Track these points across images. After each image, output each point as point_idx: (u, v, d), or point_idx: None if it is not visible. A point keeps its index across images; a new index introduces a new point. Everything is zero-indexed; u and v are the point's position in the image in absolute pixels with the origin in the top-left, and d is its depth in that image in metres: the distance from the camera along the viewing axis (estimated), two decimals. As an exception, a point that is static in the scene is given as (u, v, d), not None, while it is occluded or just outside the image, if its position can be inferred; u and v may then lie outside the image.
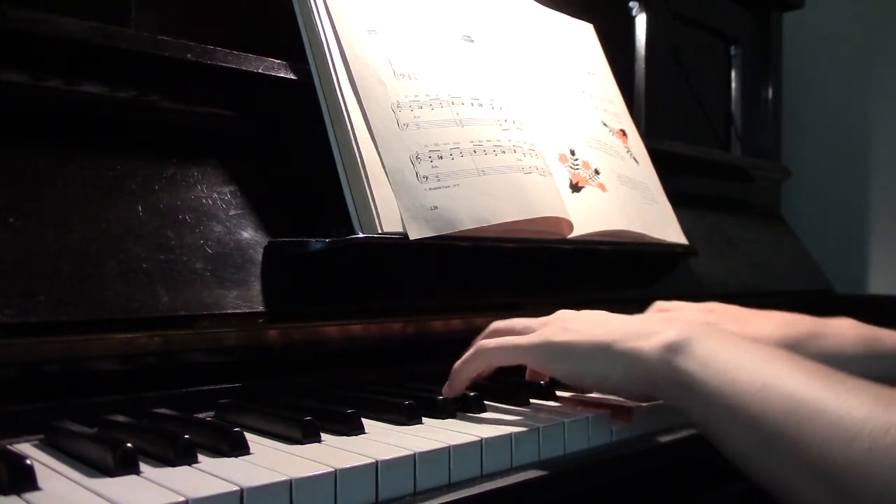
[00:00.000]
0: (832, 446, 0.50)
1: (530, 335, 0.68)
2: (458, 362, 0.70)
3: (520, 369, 0.77)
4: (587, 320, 0.68)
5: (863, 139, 1.88)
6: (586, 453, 0.64)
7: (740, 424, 0.55)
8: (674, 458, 0.70)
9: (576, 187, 0.97)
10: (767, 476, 0.54)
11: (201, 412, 0.67)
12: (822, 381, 0.54)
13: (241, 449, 0.53)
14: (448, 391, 0.69)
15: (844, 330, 0.85)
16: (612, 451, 0.65)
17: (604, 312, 0.70)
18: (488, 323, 0.76)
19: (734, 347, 0.59)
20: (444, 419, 0.64)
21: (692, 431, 0.71)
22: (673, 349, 0.60)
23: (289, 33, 0.81)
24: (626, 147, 1.11)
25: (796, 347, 0.79)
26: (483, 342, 0.70)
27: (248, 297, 0.71)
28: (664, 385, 0.61)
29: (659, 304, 0.91)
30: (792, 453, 0.52)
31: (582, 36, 1.16)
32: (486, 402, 0.69)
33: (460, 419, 0.65)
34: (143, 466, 0.49)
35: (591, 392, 0.74)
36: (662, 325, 0.63)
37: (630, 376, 0.62)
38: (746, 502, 0.76)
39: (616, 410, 0.68)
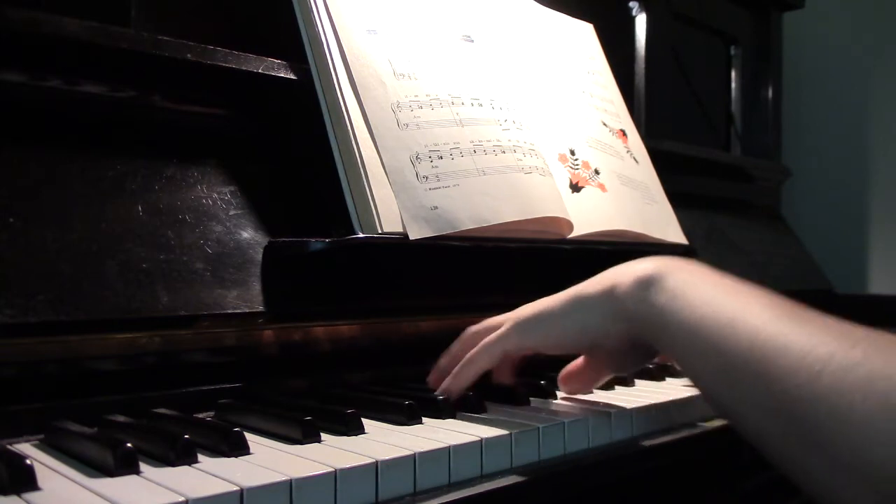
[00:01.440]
0: (796, 381, 0.49)
1: (503, 325, 0.69)
2: (450, 377, 0.69)
3: (522, 371, 0.77)
4: (556, 294, 0.68)
5: (863, 139, 1.88)
6: (586, 453, 0.64)
7: (709, 359, 0.55)
8: (674, 457, 0.70)
9: (576, 187, 0.97)
10: (734, 411, 0.54)
11: (201, 412, 0.67)
12: (788, 317, 0.53)
13: (241, 449, 0.53)
14: (447, 392, 0.69)
15: None
16: (613, 452, 0.65)
17: None
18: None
19: (706, 281, 0.59)
20: (444, 419, 0.64)
21: (693, 431, 0.71)
22: (646, 283, 0.59)
23: (289, 33, 0.81)
24: (626, 147, 1.11)
25: None
26: (468, 354, 0.69)
27: (248, 297, 0.71)
28: (638, 321, 0.60)
29: None
30: (756, 388, 0.51)
31: (582, 36, 1.16)
32: (486, 402, 0.69)
33: (460, 419, 0.65)
34: (143, 466, 0.49)
35: (577, 353, 0.72)
36: (636, 263, 0.62)
37: (607, 318, 0.62)
38: (749, 502, 0.76)
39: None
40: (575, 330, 0.64)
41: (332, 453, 0.53)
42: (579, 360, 0.72)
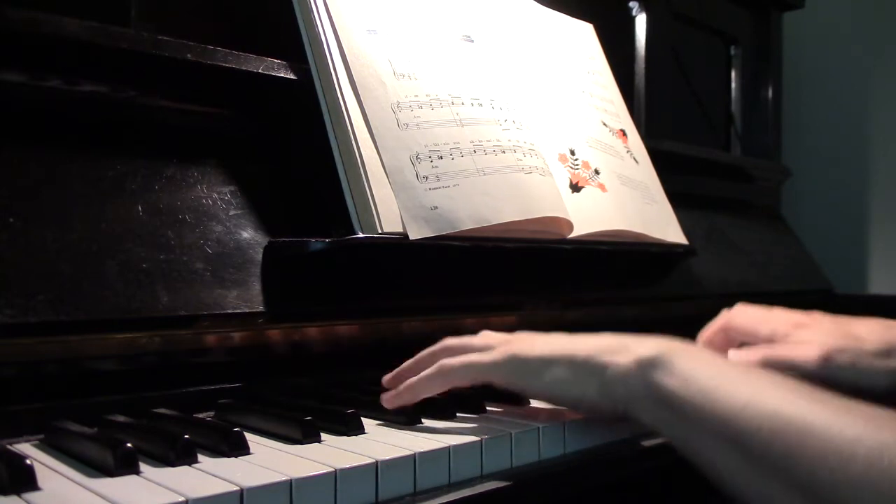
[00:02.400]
0: (825, 466, 0.48)
1: (496, 351, 0.64)
2: (417, 378, 0.65)
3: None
4: (553, 339, 0.65)
5: (863, 139, 1.88)
6: (586, 453, 0.64)
7: (725, 443, 0.53)
8: (674, 457, 0.70)
9: (576, 187, 0.97)
10: (754, 496, 0.52)
11: (201, 412, 0.67)
12: (807, 398, 0.52)
13: (241, 449, 0.53)
14: (390, 401, 0.64)
15: None
16: (613, 451, 0.65)
17: (567, 334, 0.66)
18: (488, 323, 0.76)
19: (713, 365, 0.57)
20: (444, 419, 0.64)
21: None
22: (651, 365, 0.57)
23: (289, 33, 0.81)
24: (626, 147, 1.11)
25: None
26: (446, 361, 0.64)
27: (248, 297, 0.71)
28: (642, 402, 0.58)
29: (741, 307, 0.86)
30: (781, 472, 0.50)
31: (582, 36, 1.16)
32: (485, 402, 0.69)
33: (460, 419, 0.65)
34: (143, 466, 0.49)
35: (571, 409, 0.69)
36: (635, 341, 0.60)
37: (606, 392, 0.59)
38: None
39: None
40: (572, 395, 0.61)
41: (332, 453, 0.53)
42: None
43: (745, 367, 0.58)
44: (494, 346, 0.65)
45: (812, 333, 0.81)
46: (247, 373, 0.72)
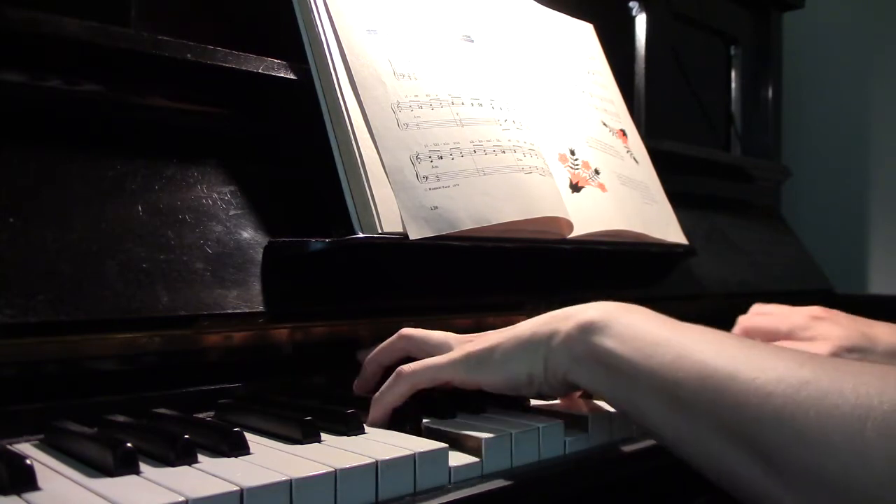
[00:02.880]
0: (746, 406, 0.50)
1: (451, 352, 0.66)
2: (380, 392, 0.65)
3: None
4: (507, 328, 0.66)
5: (863, 139, 1.88)
6: (586, 453, 0.64)
7: (659, 397, 0.55)
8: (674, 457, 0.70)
9: (576, 187, 0.97)
10: (690, 447, 0.54)
11: (201, 412, 0.67)
12: (735, 347, 0.54)
13: (241, 449, 0.53)
14: (368, 421, 0.64)
15: None
16: (612, 451, 0.65)
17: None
18: (488, 323, 0.76)
19: (651, 322, 0.59)
20: (444, 419, 0.64)
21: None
22: (591, 328, 0.59)
23: (289, 33, 0.81)
24: (626, 147, 1.11)
25: None
26: (403, 368, 0.65)
27: (248, 297, 0.71)
28: (584, 366, 0.59)
29: (758, 307, 0.88)
30: (710, 419, 0.52)
31: (582, 36, 1.16)
32: (485, 403, 0.69)
33: (460, 420, 0.65)
34: (143, 466, 0.49)
35: (527, 394, 0.69)
36: (580, 308, 0.62)
37: (552, 363, 0.61)
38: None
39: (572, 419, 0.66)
40: (520, 376, 0.63)
41: (332, 453, 0.53)
42: None
43: (683, 323, 0.59)
44: (453, 344, 0.67)
45: (829, 327, 0.82)
46: (247, 373, 0.72)
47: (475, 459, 0.56)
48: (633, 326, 0.58)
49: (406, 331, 0.71)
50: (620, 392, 0.58)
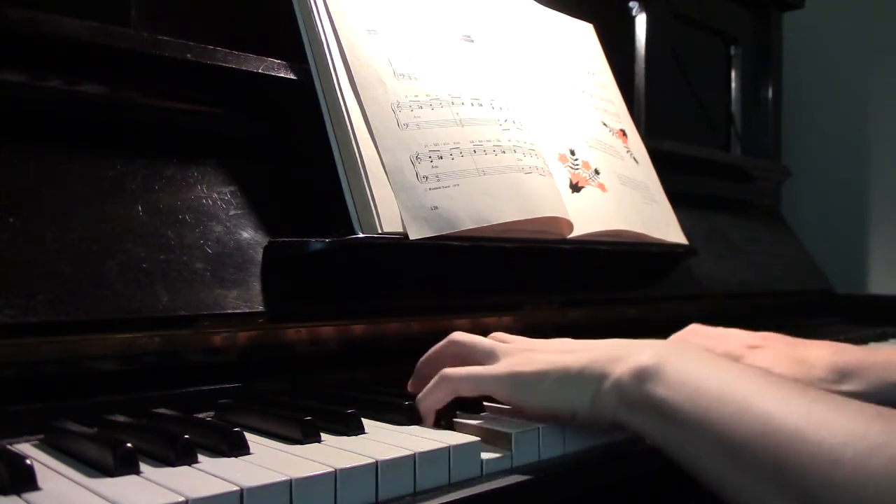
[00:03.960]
0: (814, 471, 0.48)
1: (496, 366, 0.64)
2: (422, 392, 0.65)
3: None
4: (553, 349, 0.65)
5: (862, 139, 1.88)
6: (586, 453, 0.64)
7: (717, 451, 0.53)
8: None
9: (576, 187, 0.97)
10: (745, 499, 0.52)
11: (201, 412, 0.67)
12: (798, 400, 0.52)
13: (241, 449, 0.53)
14: (422, 419, 0.64)
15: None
16: (613, 451, 0.65)
17: (569, 340, 0.67)
18: (488, 323, 0.76)
19: (708, 368, 0.57)
20: (444, 419, 0.64)
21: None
22: (644, 374, 0.57)
23: (289, 33, 0.81)
24: (626, 147, 1.11)
25: (845, 377, 0.78)
26: (447, 371, 0.65)
27: (248, 297, 0.71)
28: (636, 413, 0.58)
29: (695, 328, 0.86)
30: (772, 480, 0.50)
31: (582, 36, 1.16)
32: (485, 402, 0.69)
33: (461, 419, 0.65)
34: (143, 466, 0.49)
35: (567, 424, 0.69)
36: (632, 349, 0.60)
37: (600, 404, 0.59)
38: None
39: None
40: (567, 409, 0.62)
41: (332, 453, 0.53)
42: None
43: (742, 367, 0.58)
44: (499, 355, 0.65)
45: (764, 356, 0.81)
46: (247, 373, 0.72)
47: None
48: (688, 374, 0.56)
49: (456, 336, 0.70)
50: (674, 442, 0.56)
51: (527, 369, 0.63)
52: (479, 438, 0.57)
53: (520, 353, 0.65)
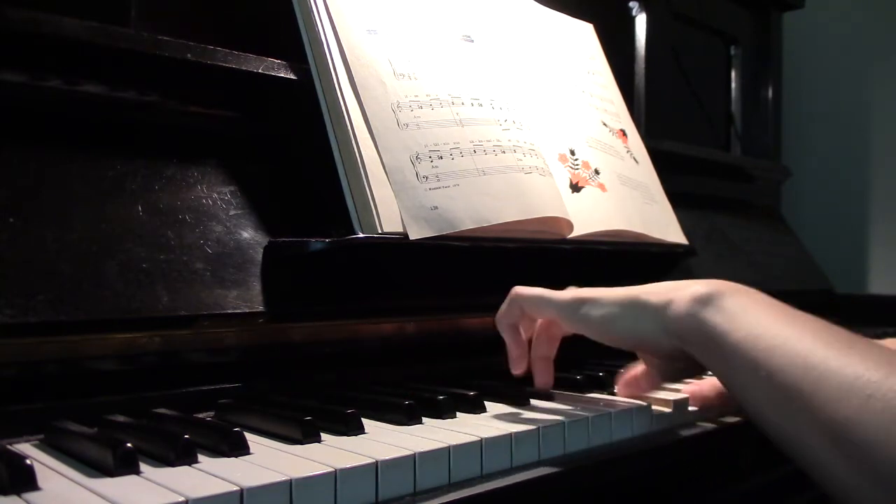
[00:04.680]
0: (847, 404, 0.51)
1: (563, 291, 0.70)
2: (498, 313, 0.72)
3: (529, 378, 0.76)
4: (615, 288, 0.69)
5: (863, 139, 1.88)
6: (586, 453, 0.64)
7: (760, 380, 0.56)
8: (674, 457, 0.70)
9: (576, 187, 0.97)
10: (783, 432, 0.56)
11: (201, 412, 0.67)
12: (839, 342, 0.55)
13: (241, 449, 0.53)
14: (507, 341, 0.72)
15: None
16: (613, 451, 0.65)
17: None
18: (489, 322, 0.76)
19: (760, 304, 0.61)
20: (444, 419, 0.64)
21: (693, 431, 0.71)
22: (702, 301, 0.61)
23: (289, 33, 0.81)
24: (626, 147, 1.11)
25: None
26: (518, 288, 0.71)
27: (248, 297, 0.71)
28: (691, 337, 0.62)
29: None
30: (807, 411, 0.53)
31: (582, 36, 1.16)
32: (486, 402, 0.69)
33: (460, 419, 0.65)
34: (143, 466, 0.49)
35: (622, 346, 0.73)
36: (692, 282, 0.64)
37: (658, 327, 0.64)
38: (763, 497, 0.76)
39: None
40: (628, 333, 0.66)
41: (332, 453, 0.53)
42: (637, 369, 0.74)
43: (790, 309, 0.61)
44: (566, 292, 0.71)
45: None
46: (247, 373, 0.72)
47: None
48: (742, 305, 0.60)
49: (517, 290, 0.74)
50: (725, 368, 0.60)
51: (590, 294, 0.68)
52: (479, 438, 0.57)
53: (583, 289, 0.70)
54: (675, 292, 0.64)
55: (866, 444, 0.50)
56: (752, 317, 0.59)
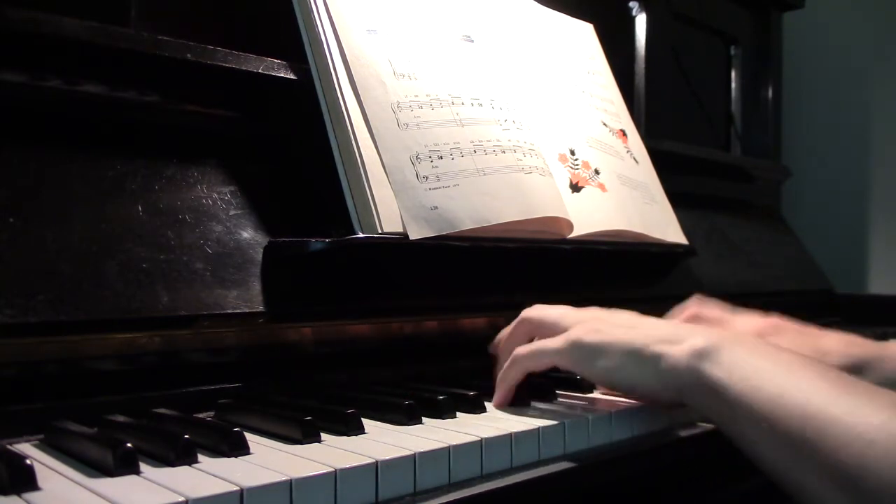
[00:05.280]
0: (848, 452, 0.51)
1: (559, 337, 0.69)
2: (500, 373, 0.71)
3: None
4: (618, 322, 0.69)
5: (863, 139, 1.88)
6: (586, 453, 0.64)
7: (762, 431, 0.56)
8: (674, 457, 0.70)
9: (576, 187, 0.97)
10: (790, 481, 0.56)
11: (201, 412, 0.67)
12: (837, 387, 0.55)
13: (241, 449, 0.53)
14: (497, 402, 0.70)
15: None
16: (614, 451, 0.65)
17: (634, 314, 0.71)
18: (488, 322, 0.76)
19: (759, 354, 0.61)
20: (444, 419, 0.64)
21: (693, 431, 0.71)
22: (701, 355, 0.61)
23: (289, 33, 0.81)
24: (626, 147, 1.11)
25: (860, 368, 0.80)
26: (519, 351, 0.70)
27: (248, 297, 0.71)
28: (691, 391, 0.62)
29: (699, 298, 0.89)
30: (811, 458, 0.53)
31: (582, 36, 1.16)
32: (486, 402, 0.69)
33: (460, 419, 0.65)
34: (143, 466, 0.49)
35: (620, 394, 0.74)
36: (691, 332, 0.64)
37: (659, 381, 0.63)
38: (763, 497, 0.76)
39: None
40: (627, 382, 0.66)
41: (332, 453, 0.53)
42: None
43: (791, 356, 0.61)
44: (565, 325, 0.70)
45: (779, 343, 0.81)
46: (247, 373, 0.72)
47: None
48: (741, 356, 0.60)
49: (526, 313, 0.74)
50: (726, 420, 0.60)
51: (589, 340, 0.67)
52: (478, 438, 0.57)
53: (584, 324, 0.69)
54: (674, 345, 0.63)
55: (871, 490, 0.50)
56: (751, 369, 0.59)
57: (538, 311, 0.73)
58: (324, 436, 0.57)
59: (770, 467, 0.57)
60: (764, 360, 0.60)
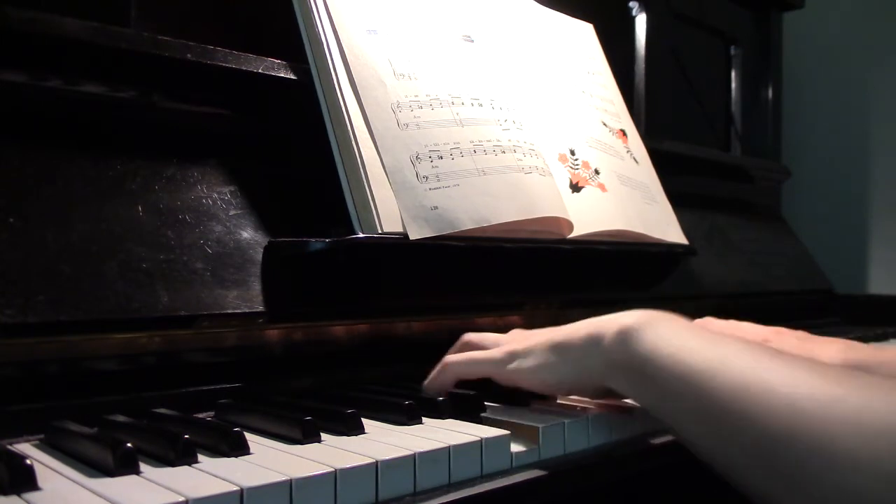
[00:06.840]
0: (778, 420, 0.50)
1: (496, 349, 0.69)
2: (427, 380, 0.71)
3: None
4: (549, 329, 0.69)
5: (863, 139, 1.88)
6: (586, 453, 0.64)
7: (689, 405, 0.55)
8: (673, 457, 0.70)
9: (576, 187, 0.97)
10: (716, 453, 0.55)
11: (201, 412, 0.67)
12: (770, 360, 0.54)
13: (241, 449, 0.53)
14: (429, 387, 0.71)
15: None
16: (614, 451, 0.65)
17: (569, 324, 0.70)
18: (488, 322, 0.76)
19: (685, 331, 0.60)
20: (444, 419, 0.64)
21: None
22: (627, 334, 0.60)
23: (289, 33, 0.81)
24: (626, 147, 1.11)
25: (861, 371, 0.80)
26: (449, 357, 0.71)
27: (248, 297, 0.71)
28: (618, 372, 0.61)
29: (707, 321, 0.89)
30: (739, 430, 0.52)
31: (582, 36, 1.16)
32: (486, 402, 0.69)
33: (460, 419, 0.65)
34: (143, 466, 0.49)
35: (557, 393, 0.73)
36: (619, 316, 0.63)
37: (586, 367, 0.63)
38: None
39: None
40: (555, 375, 0.65)
41: (332, 453, 0.53)
42: None
43: (718, 334, 0.60)
44: (502, 342, 0.71)
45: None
46: (247, 373, 0.72)
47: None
48: (669, 334, 0.59)
49: (466, 336, 0.75)
50: (653, 399, 0.59)
51: (519, 347, 0.67)
52: (478, 438, 0.57)
53: (517, 338, 0.70)
54: (600, 328, 0.62)
55: (799, 459, 0.49)
56: (680, 344, 0.58)
57: (479, 335, 0.75)
58: (324, 436, 0.57)
59: (695, 444, 0.56)
60: (692, 335, 0.59)
